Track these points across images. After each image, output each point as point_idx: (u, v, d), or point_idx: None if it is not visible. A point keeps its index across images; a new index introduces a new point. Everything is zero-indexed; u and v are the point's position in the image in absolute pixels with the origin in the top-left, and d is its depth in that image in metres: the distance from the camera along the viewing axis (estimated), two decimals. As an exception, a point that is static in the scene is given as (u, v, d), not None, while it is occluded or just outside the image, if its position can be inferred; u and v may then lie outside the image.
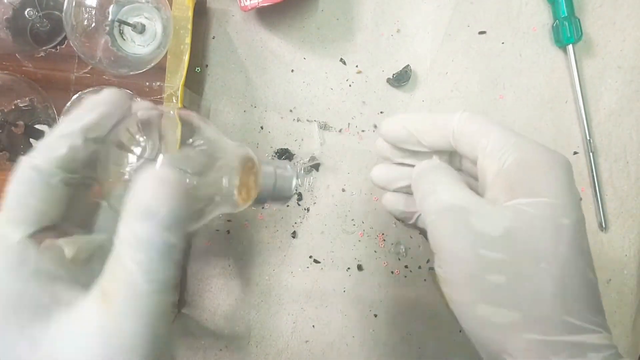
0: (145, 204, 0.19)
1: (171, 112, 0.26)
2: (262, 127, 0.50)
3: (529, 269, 0.23)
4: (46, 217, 0.22)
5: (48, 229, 0.22)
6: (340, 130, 0.49)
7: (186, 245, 0.22)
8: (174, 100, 0.44)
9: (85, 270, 0.22)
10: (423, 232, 0.35)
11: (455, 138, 0.29)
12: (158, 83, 0.44)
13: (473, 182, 0.31)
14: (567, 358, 0.21)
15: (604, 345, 0.21)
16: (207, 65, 0.50)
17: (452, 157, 0.33)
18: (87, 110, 0.23)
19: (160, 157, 0.23)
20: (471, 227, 0.24)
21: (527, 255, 0.23)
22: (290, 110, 0.50)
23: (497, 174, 0.26)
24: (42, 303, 0.20)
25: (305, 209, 0.49)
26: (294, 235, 0.49)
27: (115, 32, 0.44)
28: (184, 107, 0.44)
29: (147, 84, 0.44)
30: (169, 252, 0.20)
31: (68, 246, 0.22)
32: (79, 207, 0.24)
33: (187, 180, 0.23)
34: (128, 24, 0.43)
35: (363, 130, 0.49)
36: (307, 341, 0.47)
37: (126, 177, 0.23)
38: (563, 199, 0.24)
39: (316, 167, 0.49)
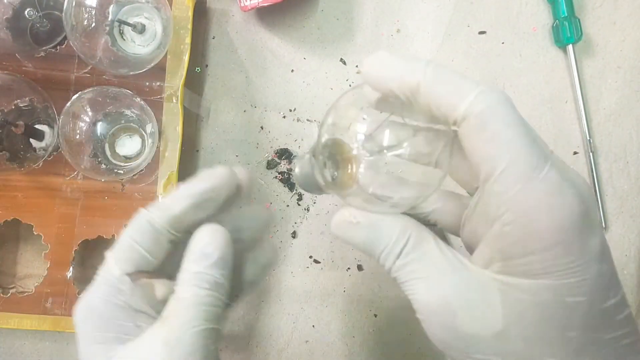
0: (201, 248, 0.25)
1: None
2: (262, 127, 0.50)
3: None
4: (146, 263, 0.26)
5: (144, 272, 0.26)
6: (340, 130, 0.49)
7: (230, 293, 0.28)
8: (174, 101, 0.44)
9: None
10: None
11: (460, 128, 0.21)
12: (158, 83, 0.44)
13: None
14: None
15: None
16: (207, 65, 0.50)
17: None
18: (202, 180, 0.29)
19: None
20: (460, 331, 0.22)
21: (526, 352, 0.20)
22: (291, 110, 0.50)
23: (493, 234, 0.21)
24: (126, 330, 0.25)
25: (305, 209, 0.49)
26: (294, 235, 0.49)
27: (115, 32, 0.44)
28: (184, 107, 0.44)
29: (147, 84, 0.44)
30: (217, 288, 0.25)
31: (159, 286, 0.26)
32: (173, 261, 0.27)
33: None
34: (128, 24, 0.43)
35: (363, 130, 0.49)
36: (307, 341, 0.47)
37: None
38: (577, 269, 0.20)
39: (316, 167, 0.49)
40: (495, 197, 0.20)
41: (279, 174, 0.49)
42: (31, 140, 0.44)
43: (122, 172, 0.44)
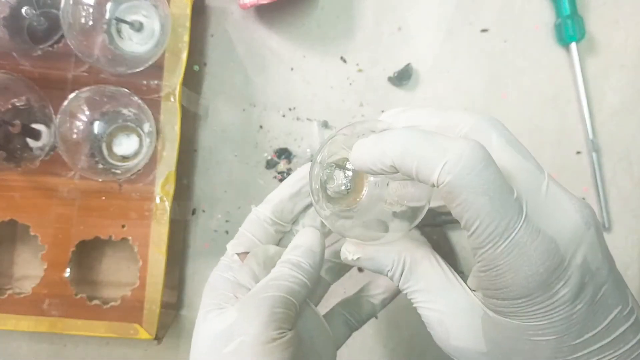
0: (294, 242, 0.31)
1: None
2: (261, 126, 0.49)
3: None
4: (256, 246, 0.32)
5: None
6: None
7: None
8: (172, 99, 0.43)
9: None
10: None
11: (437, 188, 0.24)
12: (156, 82, 0.43)
13: None
14: None
15: None
16: (205, 64, 0.50)
17: None
18: (293, 174, 0.34)
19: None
20: (454, 345, 0.25)
21: None
22: (290, 109, 0.49)
23: (475, 270, 0.24)
24: (226, 299, 0.30)
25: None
26: (293, 235, 0.48)
27: (113, 30, 0.44)
28: (182, 106, 0.44)
29: (145, 82, 0.43)
30: (297, 268, 0.30)
31: (252, 257, 0.32)
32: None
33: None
34: (126, 22, 0.43)
35: (363, 130, 0.49)
36: (307, 343, 0.47)
37: None
38: (541, 317, 0.23)
39: (316, 166, 0.49)
40: (471, 246, 0.23)
41: (278, 173, 0.49)
42: (28, 139, 0.43)
43: (119, 171, 0.43)
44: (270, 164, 0.49)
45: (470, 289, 0.26)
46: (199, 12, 0.48)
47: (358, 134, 0.27)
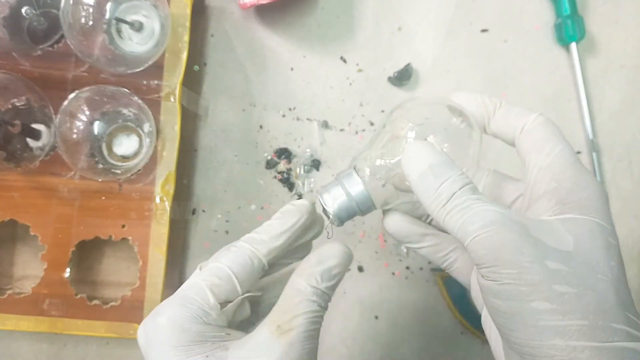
0: (328, 268, 0.28)
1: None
2: (261, 126, 0.49)
3: (590, 280, 0.23)
4: (235, 294, 0.29)
5: (229, 302, 0.29)
6: (340, 129, 0.49)
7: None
8: (172, 99, 0.43)
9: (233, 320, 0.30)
10: (431, 256, 0.33)
11: (520, 136, 0.29)
12: (156, 81, 0.43)
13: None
14: None
15: None
16: (205, 64, 0.50)
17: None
18: (292, 215, 0.31)
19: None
20: (535, 239, 0.24)
21: (586, 267, 0.24)
22: (290, 109, 0.49)
23: (551, 188, 0.27)
24: (221, 338, 0.27)
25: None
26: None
27: (113, 30, 0.44)
28: (182, 106, 0.44)
29: (145, 82, 0.43)
30: (324, 299, 0.28)
31: (239, 310, 0.30)
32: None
33: None
34: (126, 22, 0.43)
35: (364, 130, 0.49)
36: (307, 343, 0.47)
37: None
38: (609, 222, 0.26)
39: (316, 166, 0.49)
40: (554, 168, 0.27)
41: (278, 173, 0.49)
42: (28, 139, 0.43)
43: (119, 171, 0.43)
44: (270, 164, 0.49)
45: None
46: (199, 12, 0.48)
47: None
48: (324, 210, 0.31)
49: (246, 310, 0.31)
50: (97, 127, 0.44)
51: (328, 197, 0.30)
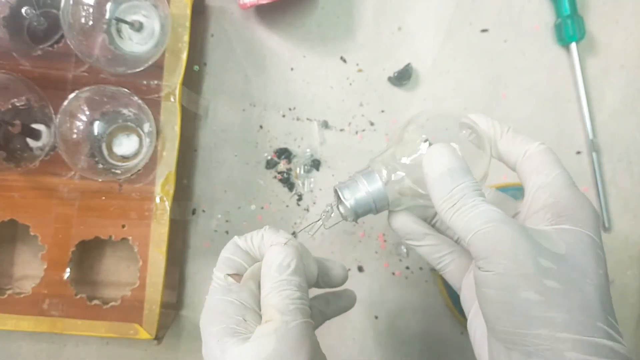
0: (280, 261, 0.30)
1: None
2: (261, 126, 0.49)
3: (578, 281, 0.25)
4: (244, 270, 0.32)
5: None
6: (340, 130, 0.49)
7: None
8: (172, 99, 0.43)
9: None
10: (429, 257, 0.34)
11: (522, 160, 0.31)
12: (156, 82, 0.43)
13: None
14: (598, 357, 0.24)
15: (625, 356, 0.25)
16: (205, 64, 0.50)
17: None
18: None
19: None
20: (531, 238, 0.26)
21: (576, 270, 0.26)
22: (290, 109, 0.49)
23: (549, 203, 0.29)
24: (235, 322, 0.29)
25: (305, 209, 0.48)
26: (293, 235, 0.48)
27: (113, 30, 0.44)
28: (182, 106, 0.44)
29: (145, 82, 0.43)
30: (301, 289, 0.30)
31: (249, 275, 0.32)
32: None
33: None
34: (126, 22, 0.43)
35: (364, 130, 0.49)
36: (307, 343, 0.47)
37: None
38: (599, 238, 0.28)
39: (316, 166, 0.49)
40: (552, 189, 0.29)
41: (278, 173, 0.49)
42: (28, 139, 0.43)
43: (119, 171, 0.43)
44: (270, 164, 0.49)
45: None
46: (199, 12, 0.48)
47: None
48: (336, 204, 0.34)
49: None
50: (97, 127, 0.44)
51: (348, 192, 0.32)
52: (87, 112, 0.43)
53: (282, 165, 0.49)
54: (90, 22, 0.42)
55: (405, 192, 0.32)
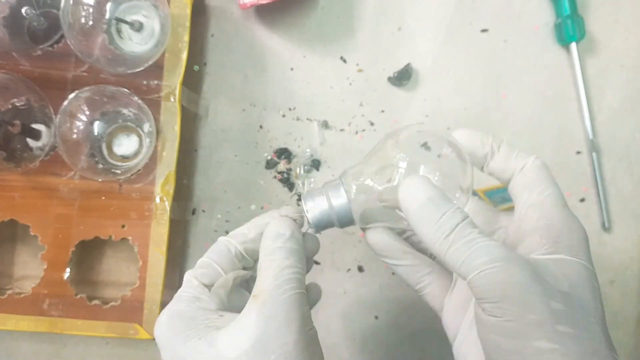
0: (276, 230, 0.30)
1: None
2: (261, 126, 0.49)
3: (585, 320, 0.25)
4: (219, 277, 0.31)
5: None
6: (340, 130, 0.49)
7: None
8: (172, 99, 0.43)
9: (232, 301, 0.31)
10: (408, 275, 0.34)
11: (515, 177, 0.30)
12: (156, 81, 0.43)
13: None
14: None
15: None
16: (205, 64, 0.50)
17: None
18: (269, 216, 0.33)
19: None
20: (541, 279, 0.24)
21: (582, 309, 0.25)
22: (290, 109, 0.49)
23: (541, 226, 0.28)
24: (214, 320, 0.28)
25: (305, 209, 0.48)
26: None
27: (113, 30, 0.44)
28: (182, 106, 0.44)
29: (145, 82, 0.43)
30: (295, 255, 0.29)
31: (221, 284, 0.31)
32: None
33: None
34: (126, 22, 0.43)
35: (364, 130, 0.49)
36: (307, 343, 0.47)
37: None
38: (592, 264, 0.27)
39: (316, 166, 0.49)
40: (544, 207, 0.28)
41: (278, 173, 0.49)
42: (28, 139, 0.43)
43: (119, 171, 0.43)
44: (270, 164, 0.49)
45: None
46: (199, 12, 0.48)
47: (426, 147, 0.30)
48: (305, 212, 0.32)
49: (244, 295, 0.33)
50: (97, 127, 0.44)
51: (311, 203, 0.31)
52: (87, 112, 0.43)
53: (282, 165, 0.49)
54: (90, 22, 0.42)
55: (374, 211, 0.30)
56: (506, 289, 0.24)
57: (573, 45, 0.48)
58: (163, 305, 0.43)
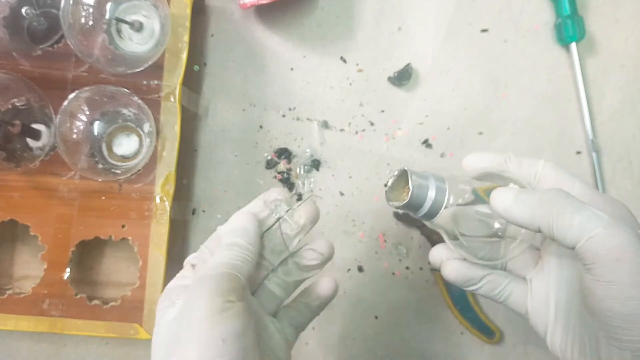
0: (242, 225, 0.33)
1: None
2: (261, 126, 0.49)
3: None
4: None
5: None
6: (340, 129, 0.49)
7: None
8: (172, 99, 0.43)
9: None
10: (488, 294, 0.34)
11: (536, 183, 0.32)
12: (156, 82, 0.43)
13: None
14: None
15: None
16: (205, 64, 0.50)
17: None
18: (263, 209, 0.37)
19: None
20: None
21: None
22: (290, 109, 0.49)
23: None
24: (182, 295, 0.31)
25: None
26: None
27: (113, 30, 0.44)
28: (182, 106, 0.44)
29: (145, 82, 0.43)
30: (236, 245, 0.32)
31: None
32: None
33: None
34: (126, 22, 0.43)
35: (364, 130, 0.49)
36: (307, 343, 0.47)
37: None
38: None
39: (316, 166, 0.49)
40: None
41: (278, 173, 0.49)
42: (28, 139, 0.43)
43: (119, 171, 0.43)
44: (270, 164, 0.49)
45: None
46: (199, 12, 0.48)
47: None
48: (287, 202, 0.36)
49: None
50: (97, 127, 0.44)
51: (416, 177, 0.31)
52: (87, 112, 0.43)
53: (282, 165, 0.49)
54: (90, 22, 0.42)
55: (466, 212, 0.32)
56: (619, 252, 0.25)
57: (573, 45, 0.48)
58: (163, 305, 0.43)
